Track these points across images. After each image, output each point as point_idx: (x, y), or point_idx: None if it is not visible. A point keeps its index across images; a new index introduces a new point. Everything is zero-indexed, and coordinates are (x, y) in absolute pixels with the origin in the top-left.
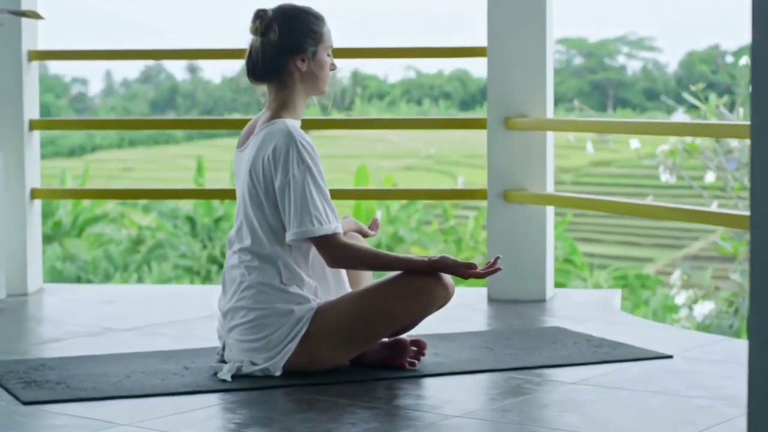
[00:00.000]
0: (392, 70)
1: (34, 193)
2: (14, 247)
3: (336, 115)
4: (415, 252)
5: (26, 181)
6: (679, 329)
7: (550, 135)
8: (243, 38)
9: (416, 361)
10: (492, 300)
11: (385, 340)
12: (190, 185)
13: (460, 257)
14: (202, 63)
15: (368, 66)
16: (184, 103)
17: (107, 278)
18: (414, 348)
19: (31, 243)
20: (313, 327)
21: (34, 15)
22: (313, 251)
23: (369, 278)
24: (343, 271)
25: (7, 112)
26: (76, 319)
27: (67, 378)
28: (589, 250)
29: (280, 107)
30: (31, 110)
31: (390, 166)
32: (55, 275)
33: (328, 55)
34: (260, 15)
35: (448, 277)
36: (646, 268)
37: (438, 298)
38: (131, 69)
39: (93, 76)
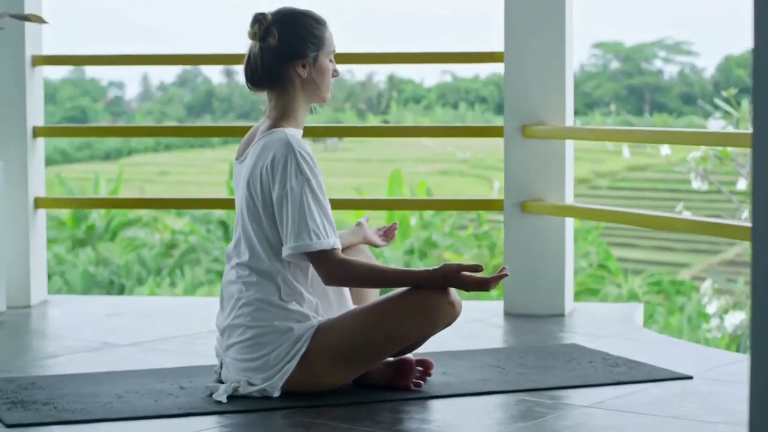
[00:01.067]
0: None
1: (38, 203)
2: (17, 257)
3: (371, 120)
4: (449, 258)
5: (29, 190)
6: (702, 347)
7: (570, 144)
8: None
9: (422, 382)
10: (508, 314)
11: (390, 359)
12: (224, 189)
13: (492, 263)
14: (237, 67)
15: (404, 70)
16: (220, 106)
17: (140, 282)
18: (420, 368)
19: (35, 253)
20: (313, 346)
21: (38, 19)
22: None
23: (374, 294)
24: (346, 288)
25: (10, 119)
26: (77, 334)
27: (56, 398)
28: (623, 255)
29: (281, 116)
30: (35, 117)
31: (425, 171)
32: (87, 279)
33: (331, 60)
34: (259, 19)
35: (454, 294)
36: (681, 274)
37: (444, 316)
38: (168, 73)
39: (130, 80)
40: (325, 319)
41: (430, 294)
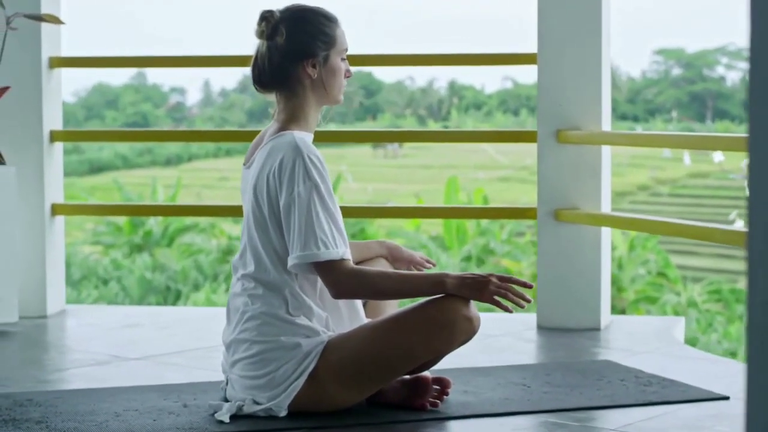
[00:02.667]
0: (489, 81)
1: (55, 209)
2: (32, 266)
3: (432, 126)
4: (506, 265)
5: (46, 196)
6: (744, 364)
7: (607, 150)
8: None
9: (439, 402)
10: (541, 328)
11: (406, 376)
12: None
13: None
14: None
15: (465, 76)
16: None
17: (196, 288)
18: (436, 386)
19: (52, 262)
20: (322, 363)
21: (53, 19)
22: None
23: (391, 307)
24: (358, 300)
25: (26, 122)
26: (87, 346)
27: (50, 416)
28: (683, 263)
29: (290, 118)
30: (53, 121)
31: (484, 177)
32: (144, 285)
33: (343, 59)
34: (266, 17)
35: (473, 309)
36: (741, 282)
37: (461, 332)
38: (229, 79)
39: (191, 85)
40: (335, 335)
41: (446, 308)
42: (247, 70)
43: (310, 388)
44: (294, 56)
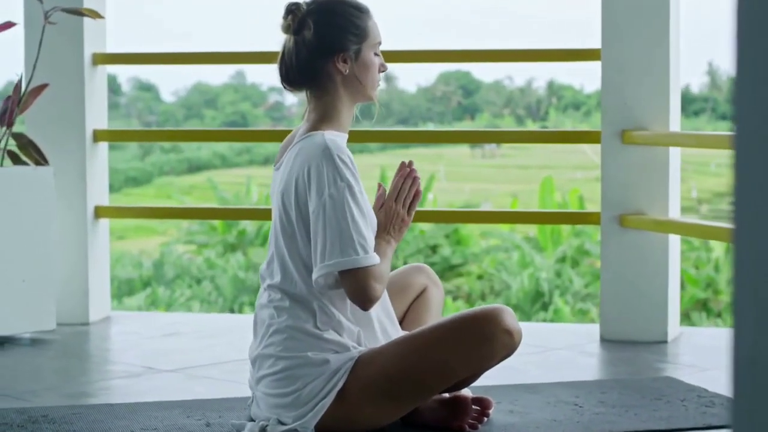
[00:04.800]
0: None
1: (99, 212)
2: (74, 271)
3: (530, 126)
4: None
5: (88, 199)
6: None
7: (675, 151)
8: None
9: (478, 423)
10: (604, 341)
11: (444, 395)
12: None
13: None
14: (397, 71)
15: (564, 75)
16: (379, 112)
17: None
18: (476, 407)
19: (95, 267)
20: (351, 380)
21: (94, 14)
22: None
23: (432, 317)
24: (392, 312)
25: (68, 121)
26: (122, 356)
27: None
28: None
29: (321, 118)
30: (96, 119)
31: (581, 177)
32: (237, 284)
33: (376, 54)
34: (292, 10)
35: (512, 321)
36: None
37: (501, 348)
38: None
39: None
40: (366, 349)
41: (484, 321)
42: None
43: (339, 407)
44: (323, 51)
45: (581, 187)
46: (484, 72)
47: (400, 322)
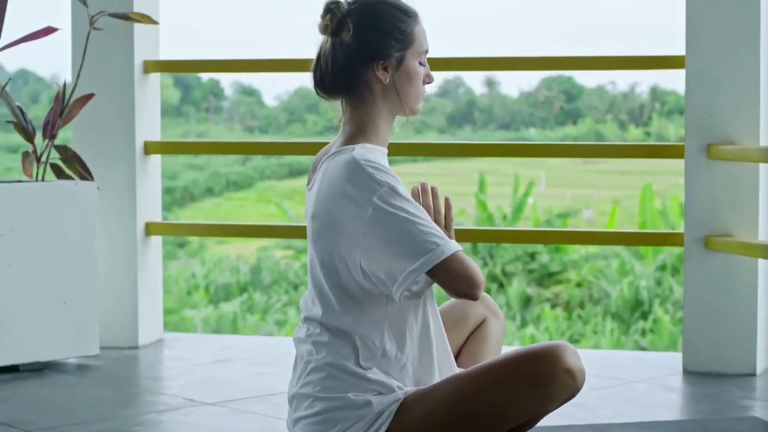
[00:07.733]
0: None
1: (150, 228)
2: (123, 292)
3: (632, 131)
4: None
5: (138, 215)
6: None
7: (766, 168)
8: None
9: None
10: (687, 373)
11: None
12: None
13: None
14: (500, 77)
15: (668, 81)
16: (481, 117)
17: None
18: None
19: (146, 287)
20: (395, 425)
21: (145, 19)
22: (412, 313)
23: (490, 352)
24: (448, 346)
25: (117, 133)
26: (166, 385)
27: None
28: None
29: (356, 131)
30: (148, 130)
31: (683, 184)
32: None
33: (422, 63)
34: (331, 9)
35: (574, 360)
36: None
37: (561, 389)
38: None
39: None
40: (413, 390)
41: (542, 360)
42: (449, 78)
43: None
44: (362, 56)
45: (681, 193)
46: (586, 77)
47: (456, 358)
